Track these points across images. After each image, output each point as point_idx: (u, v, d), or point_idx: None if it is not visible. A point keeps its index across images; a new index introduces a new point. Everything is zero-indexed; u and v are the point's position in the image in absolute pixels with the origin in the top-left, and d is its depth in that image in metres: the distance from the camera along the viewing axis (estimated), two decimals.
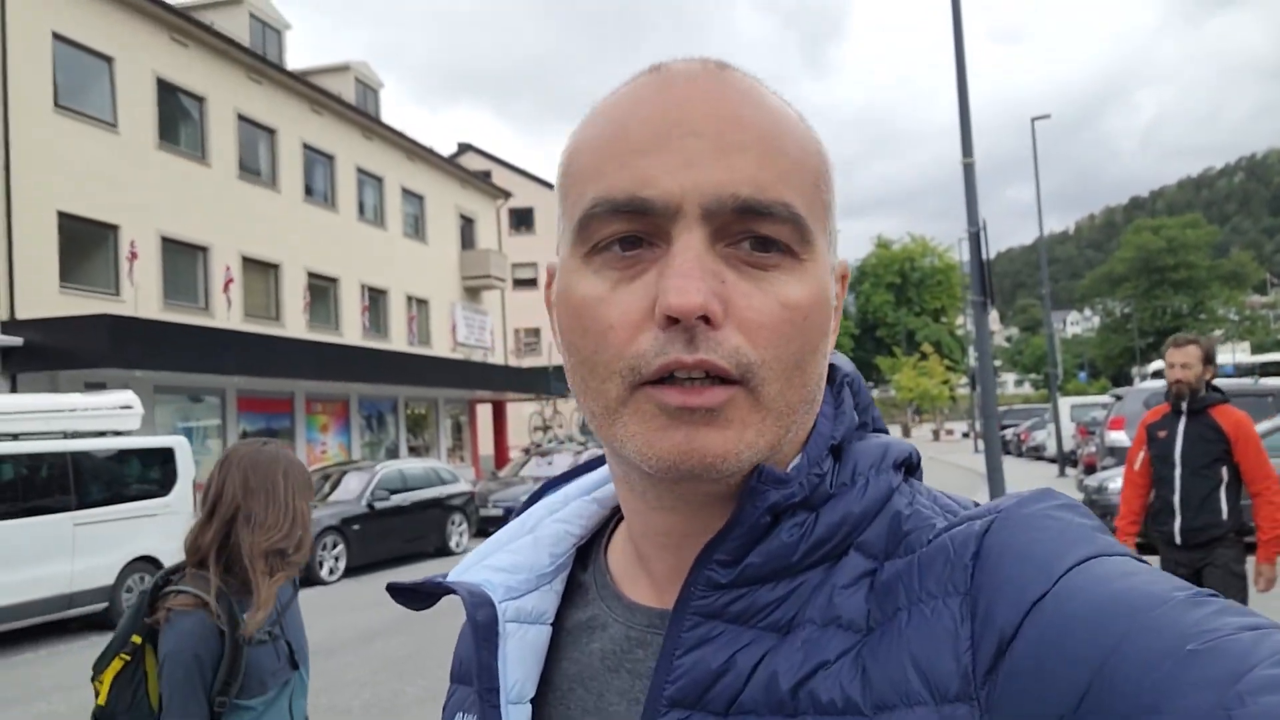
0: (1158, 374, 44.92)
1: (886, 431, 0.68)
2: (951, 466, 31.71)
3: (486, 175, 37.80)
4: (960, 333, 76.03)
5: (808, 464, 0.61)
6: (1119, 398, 15.96)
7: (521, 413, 35.29)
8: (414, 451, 26.89)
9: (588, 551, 0.73)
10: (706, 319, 0.56)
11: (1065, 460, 23.80)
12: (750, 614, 0.59)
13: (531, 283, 44.38)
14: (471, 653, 0.67)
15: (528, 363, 37.37)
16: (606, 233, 0.58)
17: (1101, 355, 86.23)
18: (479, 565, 0.70)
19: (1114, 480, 11.73)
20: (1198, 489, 4.84)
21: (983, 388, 11.00)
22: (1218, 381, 5.12)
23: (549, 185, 51.20)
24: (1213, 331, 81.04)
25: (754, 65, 0.60)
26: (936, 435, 55.68)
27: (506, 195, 36.20)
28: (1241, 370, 43.77)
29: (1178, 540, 4.90)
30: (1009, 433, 36.19)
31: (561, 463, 19.48)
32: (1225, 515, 4.82)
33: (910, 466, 0.65)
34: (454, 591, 0.67)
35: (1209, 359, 4.93)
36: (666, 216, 0.57)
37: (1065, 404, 26.06)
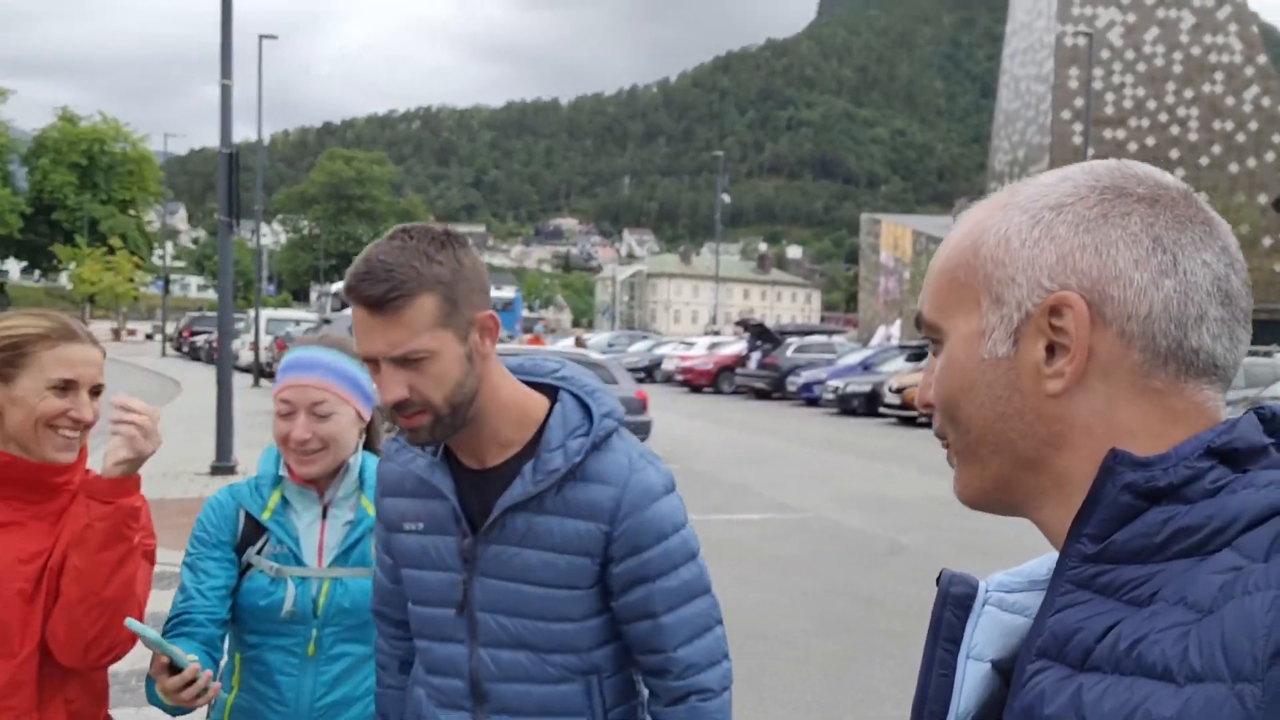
0: (340, 294, 49.01)
1: None
2: (137, 369, 30.66)
3: None
4: (152, 229, 72.03)
5: (1176, 457, 0.67)
6: (328, 320, 17.67)
7: None
8: None
9: None
10: (927, 404, 0.81)
11: (261, 372, 25.03)
12: (1114, 587, 0.66)
13: None
14: (934, 616, 0.81)
15: None
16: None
17: (288, 270, 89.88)
18: (1001, 571, 0.83)
19: None
20: None
21: (222, 307, 11.48)
22: None
23: None
24: None
25: None
26: (117, 335, 52.37)
27: None
28: None
29: None
30: (201, 339, 36.13)
31: None
32: None
33: None
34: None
35: None
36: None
37: (263, 316, 27.15)
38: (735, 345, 31.11)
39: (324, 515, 2.01)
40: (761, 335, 29.03)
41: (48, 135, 69.36)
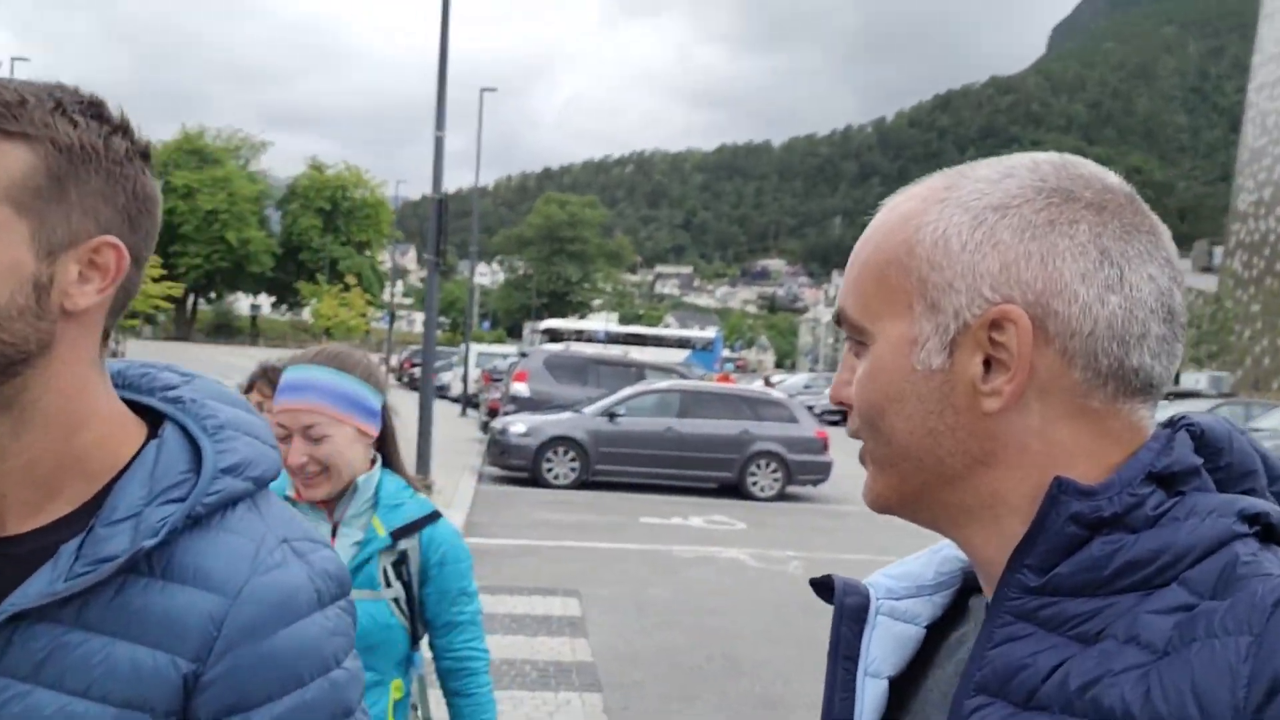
0: (547, 331, 51.20)
1: None
2: None
3: None
4: (383, 268, 77.93)
5: (1120, 483, 0.65)
6: (525, 355, 18.73)
7: None
8: None
9: None
10: (842, 403, 0.76)
11: (468, 402, 26.55)
12: (1059, 621, 0.64)
13: None
14: (833, 629, 0.78)
15: None
16: None
17: (503, 308, 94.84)
18: (880, 573, 0.81)
19: (514, 425, 14.07)
20: None
21: (427, 340, 12.46)
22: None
23: None
24: (593, 301, 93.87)
25: None
26: None
27: None
28: (613, 338, 51.83)
29: None
30: (418, 371, 38.60)
31: None
32: None
33: (1273, 529, 0.64)
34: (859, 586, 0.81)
35: None
36: None
37: (473, 350, 28.79)
38: None
39: (333, 535, 1.92)
40: None
41: (299, 183, 77.03)
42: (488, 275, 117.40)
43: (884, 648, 0.77)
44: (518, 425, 14.04)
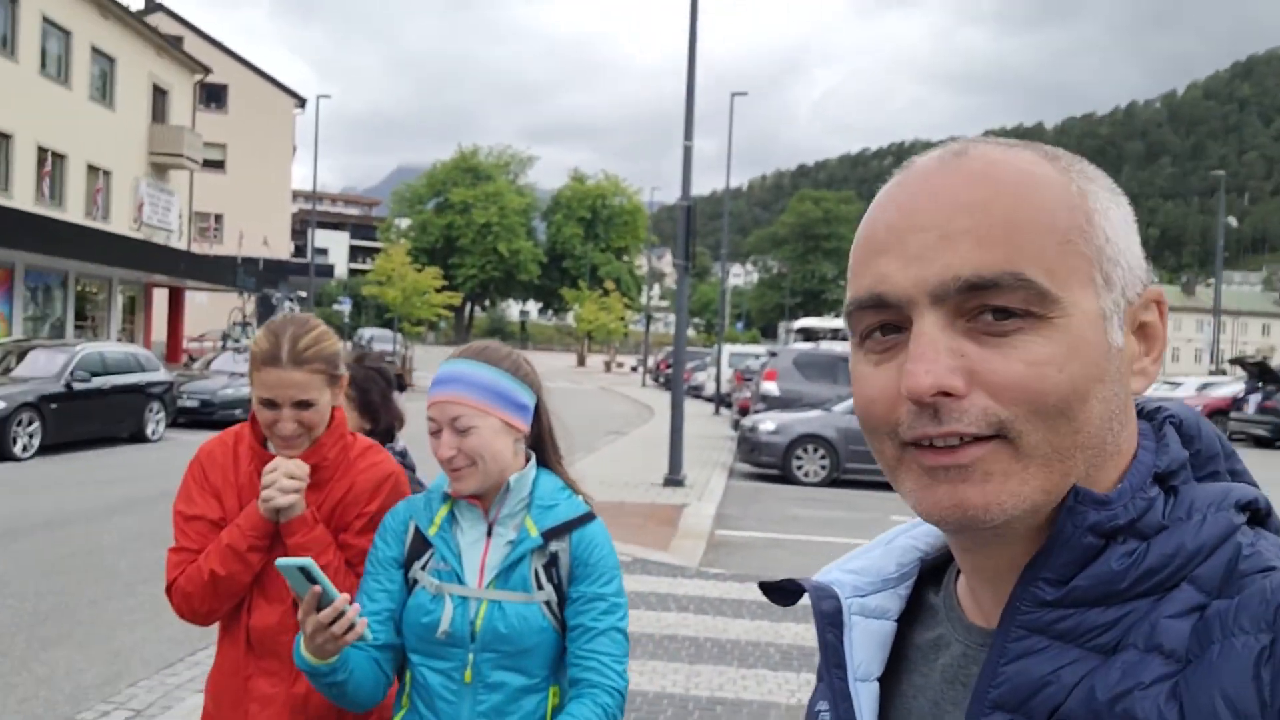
0: (803, 330, 50.90)
1: (1255, 485, 0.69)
2: (622, 397, 34.58)
3: (178, 41, 35.18)
4: (640, 272, 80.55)
5: (1130, 489, 0.64)
6: (774, 354, 18.90)
7: (197, 301, 33.75)
8: (80, 331, 25.38)
9: (942, 574, 0.78)
10: (948, 394, 0.62)
11: (721, 401, 27.08)
12: (1078, 633, 0.62)
13: (219, 165, 41.86)
14: (819, 636, 0.77)
15: (211, 251, 35.73)
16: (865, 325, 0.67)
17: (757, 308, 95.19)
18: (836, 568, 0.80)
19: (764, 423, 14.29)
20: None
21: (678, 341, 12.95)
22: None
23: (245, 61, 46.65)
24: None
25: None
26: (608, 367, 59.16)
27: (206, 70, 34.00)
28: None
29: None
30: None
31: None
32: None
33: (1258, 513, 0.66)
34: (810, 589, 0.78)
35: None
36: (903, 307, 0.64)
37: (725, 350, 29.28)
38: (1230, 387, 27.43)
39: (489, 534, 1.92)
40: (1264, 375, 25.32)
41: (562, 194, 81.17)
42: (741, 275, 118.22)
43: (866, 650, 0.76)
44: (767, 423, 14.26)
